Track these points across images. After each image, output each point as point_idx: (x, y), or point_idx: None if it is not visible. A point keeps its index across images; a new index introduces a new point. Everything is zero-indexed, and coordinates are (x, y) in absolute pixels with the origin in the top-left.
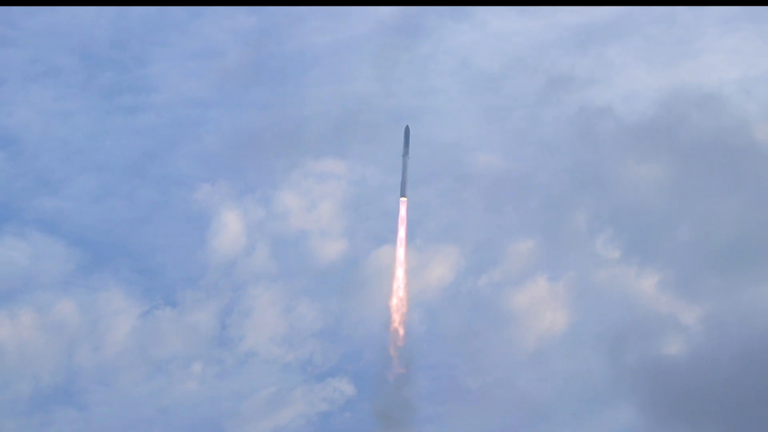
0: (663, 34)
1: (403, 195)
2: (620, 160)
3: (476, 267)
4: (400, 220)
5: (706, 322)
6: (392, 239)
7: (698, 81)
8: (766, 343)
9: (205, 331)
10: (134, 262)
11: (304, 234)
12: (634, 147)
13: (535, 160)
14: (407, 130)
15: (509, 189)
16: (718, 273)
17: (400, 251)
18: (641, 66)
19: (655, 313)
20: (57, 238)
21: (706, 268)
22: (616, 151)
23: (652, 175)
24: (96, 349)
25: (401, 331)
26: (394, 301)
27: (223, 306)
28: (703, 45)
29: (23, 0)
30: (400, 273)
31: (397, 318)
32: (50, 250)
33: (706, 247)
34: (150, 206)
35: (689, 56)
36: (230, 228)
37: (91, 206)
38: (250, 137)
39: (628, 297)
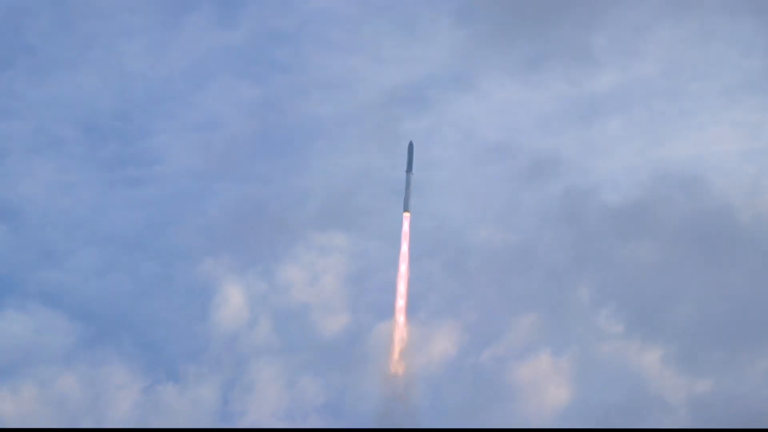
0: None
1: (406, 210)
2: (621, 235)
3: (479, 341)
4: (403, 235)
5: (710, 396)
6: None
7: None
8: None
9: (207, 406)
10: (137, 336)
11: (307, 307)
12: (635, 223)
13: (538, 233)
14: (411, 146)
15: (512, 262)
16: (721, 347)
17: (403, 267)
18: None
19: (659, 387)
20: (59, 312)
21: (709, 343)
22: (617, 227)
23: (652, 251)
24: (98, 424)
25: (404, 406)
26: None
27: (225, 380)
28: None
29: None
30: (402, 288)
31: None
32: (52, 324)
33: (709, 321)
34: (153, 279)
35: None
36: (233, 301)
37: (94, 279)
38: (253, 210)
39: (631, 371)
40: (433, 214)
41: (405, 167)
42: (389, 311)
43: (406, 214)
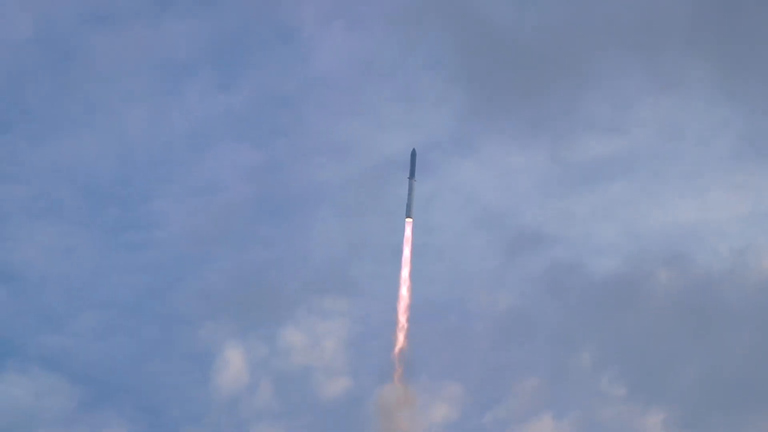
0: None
1: (408, 216)
2: (624, 301)
3: (481, 404)
4: (405, 240)
5: None
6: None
7: None
8: None
9: None
10: (137, 400)
11: (308, 371)
12: (638, 288)
13: (540, 296)
14: (413, 153)
15: (514, 326)
16: (723, 410)
17: (405, 271)
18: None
19: None
20: (60, 375)
21: (711, 406)
22: (619, 293)
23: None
24: None
25: None
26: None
27: None
28: None
29: None
30: (404, 292)
31: None
32: (53, 387)
33: (711, 385)
34: (153, 343)
35: None
36: (233, 365)
37: (94, 343)
38: (253, 274)
39: None
40: (433, 277)
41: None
42: (390, 375)
43: (408, 220)
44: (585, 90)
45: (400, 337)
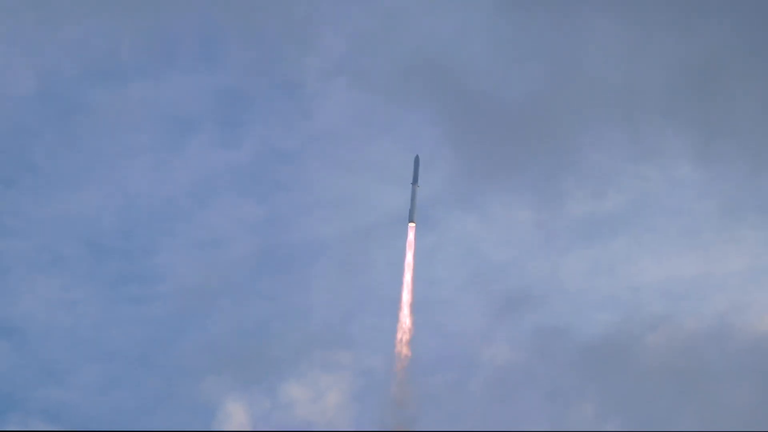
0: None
1: (411, 220)
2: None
3: None
4: (408, 244)
5: None
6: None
7: None
8: None
9: None
10: None
11: (310, 425)
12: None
13: (542, 349)
14: (417, 159)
15: (516, 379)
16: None
17: (408, 275)
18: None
19: None
20: (62, 429)
21: None
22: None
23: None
24: None
25: None
26: None
27: None
28: None
29: None
30: (405, 297)
31: None
32: None
33: None
34: (155, 397)
35: None
36: (236, 419)
37: (96, 396)
38: (255, 327)
39: None
40: (435, 330)
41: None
42: (392, 428)
43: (411, 225)
44: (570, 154)
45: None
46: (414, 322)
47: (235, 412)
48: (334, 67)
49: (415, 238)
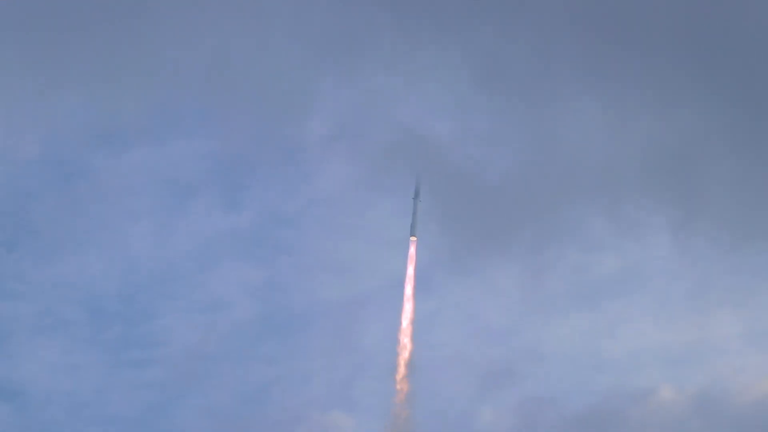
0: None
1: (412, 234)
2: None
3: None
4: (409, 258)
5: None
6: None
7: None
8: None
9: None
10: None
11: None
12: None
13: (540, 415)
14: (419, 176)
15: None
16: None
17: (408, 288)
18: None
19: None
20: None
21: None
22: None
23: None
24: None
25: None
26: None
27: None
28: None
29: None
30: (408, 307)
31: None
32: None
33: None
34: None
35: None
36: None
37: None
38: (257, 392)
39: None
40: (435, 394)
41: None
42: None
43: (413, 239)
44: (553, 229)
45: None
46: (411, 385)
47: None
48: (335, 132)
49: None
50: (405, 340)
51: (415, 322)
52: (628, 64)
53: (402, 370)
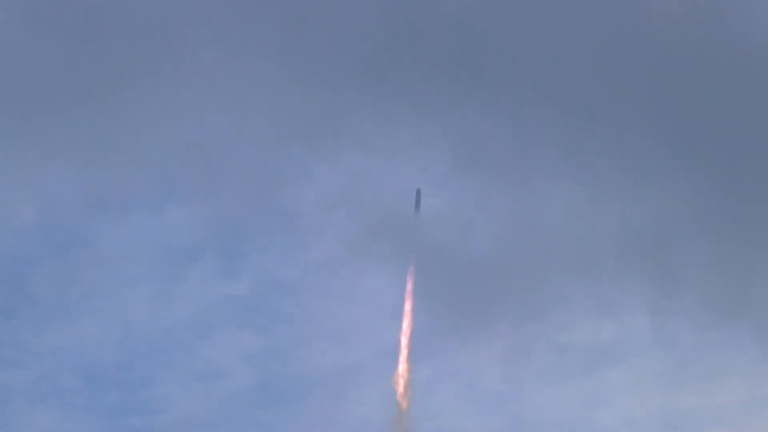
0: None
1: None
2: None
3: None
4: (409, 272)
5: None
6: None
7: None
8: None
9: None
10: None
11: None
12: None
13: None
14: (418, 193)
15: None
16: None
17: (407, 305)
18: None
19: None
20: None
21: None
22: None
23: None
24: None
25: None
26: None
27: None
28: None
29: None
30: (405, 326)
31: None
32: None
33: None
34: None
35: None
36: None
37: None
38: None
39: None
40: None
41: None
42: None
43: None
44: (534, 307)
45: None
46: None
47: None
48: (332, 198)
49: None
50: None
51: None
52: (604, 145)
53: None
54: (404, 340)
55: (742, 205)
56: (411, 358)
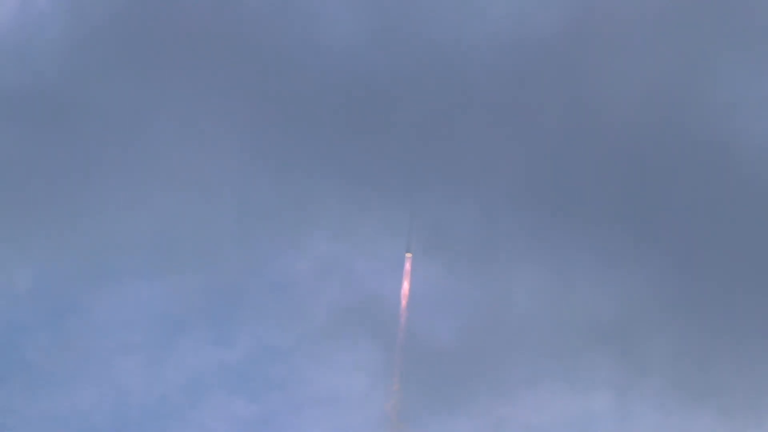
0: None
1: (408, 251)
2: None
3: None
4: (405, 273)
5: None
6: None
7: None
8: None
9: None
10: None
11: None
12: None
13: None
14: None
15: None
16: None
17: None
18: None
19: None
20: None
21: None
22: None
23: None
24: None
25: None
26: None
27: None
28: None
29: None
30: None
31: None
32: None
33: None
34: None
35: None
36: None
37: None
38: None
39: None
40: None
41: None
42: None
43: (408, 255)
44: (504, 388)
45: None
46: None
47: None
48: (326, 265)
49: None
50: None
51: None
52: (571, 232)
53: None
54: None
55: (705, 291)
56: None
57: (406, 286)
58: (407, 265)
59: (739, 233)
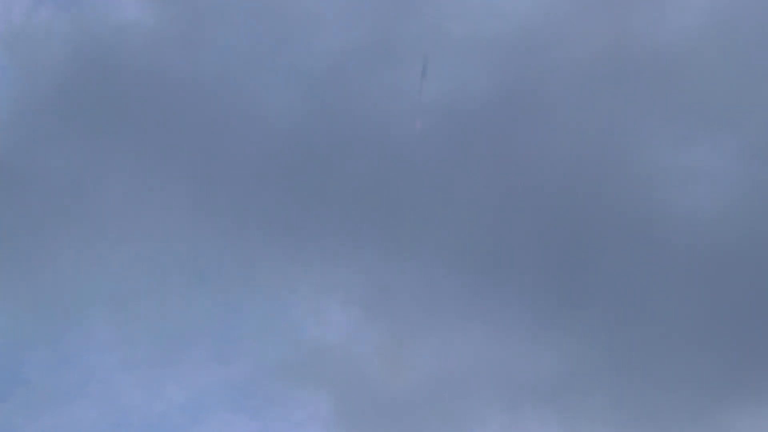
0: None
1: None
2: None
3: None
4: None
5: None
6: None
7: None
8: None
9: None
10: None
11: None
12: None
13: None
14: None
15: None
16: None
17: None
18: None
19: None
20: None
21: None
22: None
23: None
24: None
25: None
26: None
27: None
28: None
29: None
30: None
31: None
32: None
33: None
34: None
35: None
36: None
37: None
38: None
39: None
40: None
41: None
42: None
43: None
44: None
45: None
46: None
47: None
48: (327, 285)
49: None
50: None
51: None
52: (508, 291)
53: None
54: None
55: (635, 348)
56: None
57: None
58: None
59: (664, 296)
